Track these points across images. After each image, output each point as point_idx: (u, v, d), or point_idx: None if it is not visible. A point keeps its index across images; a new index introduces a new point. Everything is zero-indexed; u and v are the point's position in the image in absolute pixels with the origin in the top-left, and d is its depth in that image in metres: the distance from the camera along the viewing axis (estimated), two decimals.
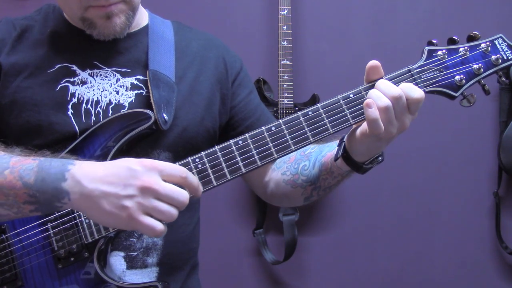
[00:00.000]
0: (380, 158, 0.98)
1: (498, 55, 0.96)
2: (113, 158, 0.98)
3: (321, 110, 0.94)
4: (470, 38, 0.98)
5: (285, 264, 2.32)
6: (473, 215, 2.33)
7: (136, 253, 1.04)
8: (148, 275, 1.06)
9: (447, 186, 2.34)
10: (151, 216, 0.84)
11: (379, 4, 2.34)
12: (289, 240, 2.27)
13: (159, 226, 0.84)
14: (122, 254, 1.03)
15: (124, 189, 0.83)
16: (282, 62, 2.21)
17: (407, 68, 0.95)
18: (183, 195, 0.86)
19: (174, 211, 0.85)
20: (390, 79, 0.93)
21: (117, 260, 1.03)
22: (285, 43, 2.21)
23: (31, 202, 0.88)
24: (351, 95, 0.94)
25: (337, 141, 1.01)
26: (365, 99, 0.91)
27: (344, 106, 0.94)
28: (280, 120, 0.95)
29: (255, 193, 1.27)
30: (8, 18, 1.12)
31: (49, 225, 0.97)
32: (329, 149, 1.04)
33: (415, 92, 0.90)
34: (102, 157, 0.97)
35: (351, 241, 2.39)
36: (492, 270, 2.33)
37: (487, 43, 0.97)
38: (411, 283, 2.37)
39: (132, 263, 1.04)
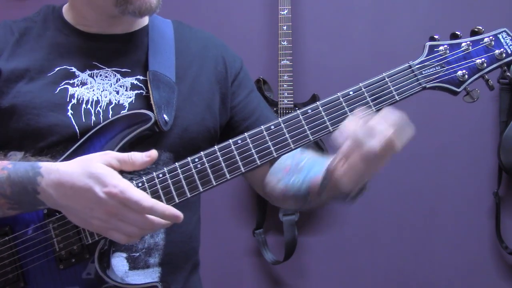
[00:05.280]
0: (364, 191, 0.96)
1: (502, 49, 0.95)
2: None
3: (320, 108, 0.94)
4: (474, 33, 0.97)
5: (285, 264, 2.32)
6: (473, 215, 2.33)
7: (138, 253, 1.04)
8: (151, 275, 1.06)
9: (447, 186, 2.34)
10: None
11: (379, 4, 2.34)
12: (289, 240, 2.27)
13: (123, 240, 0.91)
14: (124, 255, 1.03)
15: (90, 211, 0.89)
16: (282, 62, 2.21)
17: (407, 64, 0.95)
18: (143, 223, 0.89)
19: (137, 233, 0.90)
20: (391, 75, 0.93)
21: (120, 261, 1.03)
22: (285, 43, 2.21)
23: (15, 208, 0.94)
24: (351, 93, 0.94)
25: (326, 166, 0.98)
26: (365, 95, 0.92)
27: (344, 104, 0.93)
28: (280, 119, 0.95)
29: (256, 192, 1.26)
30: (6, 21, 1.11)
31: (51, 226, 0.97)
32: (319, 169, 1.01)
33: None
34: None
35: (351, 241, 2.39)
36: (492, 270, 2.33)
37: (491, 37, 0.95)
38: (411, 283, 2.37)
39: (134, 264, 1.04)
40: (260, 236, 2.33)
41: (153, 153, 0.93)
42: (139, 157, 0.92)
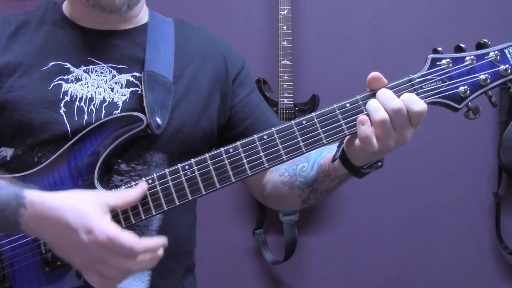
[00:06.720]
0: (379, 164, 0.94)
1: (507, 65, 0.89)
2: (104, 161, 0.97)
3: (315, 120, 0.91)
4: (479, 46, 0.91)
5: (285, 264, 2.32)
6: (473, 215, 2.33)
7: None
8: (140, 278, 1.04)
9: (447, 186, 2.33)
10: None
11: (379, 4, 2.34)
12: (289, 240, 2.27)
13: (98, 285, 0.87)
14: None
15: (73, 251, 0.87)
16: (282, 62, 2.21)
17: (408, 78, 0.90)
18: (129, 267, 0.86)
19: (120, 276, 0.87)
20: (390, 88, 0.89)
21: None
22: (285, 43, 2.21)
23: (1, 231, 0.94)
24: (348, 105, 0.90)
25: (338, 143, 0.97)
26: (362, 109, 0.89)
27: (340, 116, 0.90)
28: (273, 129, 0.92)
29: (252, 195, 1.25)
30: (6, 15, 1.11)
31: None
32: (329, 151, 1.01)
33: (417, 104, 0.86)
34: (94, 160, 0.96)
35: (351, 241, 2.39)
36: (492, 270, 2.33)
37: (496, 52, 0.90)
38: (411, 283, 2.37)
39: None
40: (260, 236, 2.34)
41: (144, 185, 0.93)
42: (132, 193, 0.91)
